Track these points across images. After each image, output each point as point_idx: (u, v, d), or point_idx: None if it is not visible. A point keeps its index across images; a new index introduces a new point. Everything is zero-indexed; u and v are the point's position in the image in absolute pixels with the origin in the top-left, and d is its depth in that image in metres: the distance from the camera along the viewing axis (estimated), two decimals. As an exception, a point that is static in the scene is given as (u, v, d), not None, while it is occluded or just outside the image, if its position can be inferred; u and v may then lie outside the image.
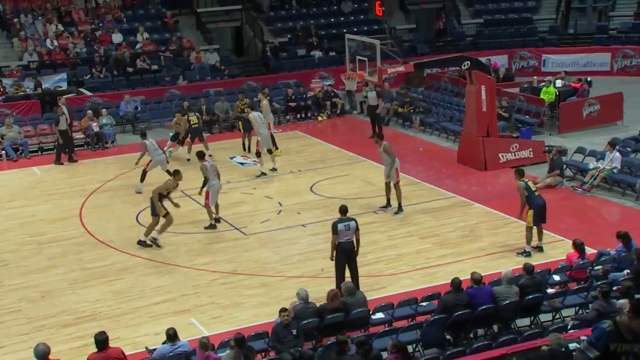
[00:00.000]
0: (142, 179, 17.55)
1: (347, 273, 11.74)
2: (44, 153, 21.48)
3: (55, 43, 26.29)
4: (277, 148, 19.75)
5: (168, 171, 16.81)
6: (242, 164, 19.91)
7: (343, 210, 11.92)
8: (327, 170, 18.56)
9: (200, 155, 15.54)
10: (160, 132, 23.28)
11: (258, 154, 18.36)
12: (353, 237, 11.67)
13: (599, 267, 11.50)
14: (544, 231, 13.61)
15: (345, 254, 11.63)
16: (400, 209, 15.35)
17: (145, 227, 14.60)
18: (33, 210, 16.88)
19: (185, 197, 16.92)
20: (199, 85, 25.95)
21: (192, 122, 20.38)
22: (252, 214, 15.94)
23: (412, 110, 23.01)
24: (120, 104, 23.87)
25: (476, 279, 10.38)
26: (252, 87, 26.32)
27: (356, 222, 11.73)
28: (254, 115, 18.57)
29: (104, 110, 22.85)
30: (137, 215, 16.18)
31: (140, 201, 17.00)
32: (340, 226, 11.59)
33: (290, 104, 24.55)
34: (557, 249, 13.38)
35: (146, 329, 11.34)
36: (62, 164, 20.23)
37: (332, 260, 11.73)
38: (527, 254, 13.08)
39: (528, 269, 10.74)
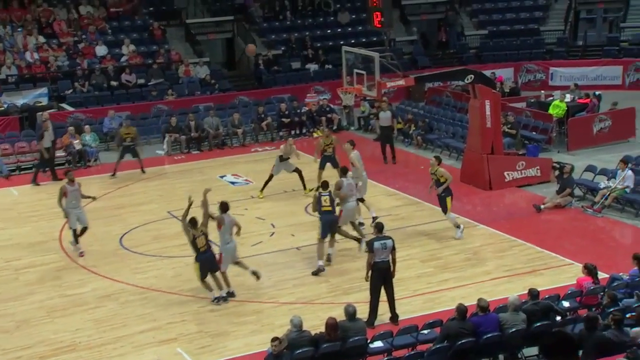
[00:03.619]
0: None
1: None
2: (22, 172, 21.45)
3: (36, 56, 26.35)
4: (304, 187, 18.40)
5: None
6: (232, 183, 19.91)
7: (379, 227, 11.96)
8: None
9: (223, 209, 13.13)
10: (146, 150, 23.28)
11: (360, 200, 15.97)
12: (389, 257, 11.69)
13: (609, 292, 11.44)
14: (553, 254, 13.56)
15: (381, 275, 11.67)
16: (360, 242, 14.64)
17: (130, 251, 14.53)
18: (9, 233, 16.82)
19: (171, 219, 16.90)
20: (188, 100, 26.00)
21: (124, 137, 20.36)
22: (243, 237, 15.66)
23: (413, 127, 23.05)
24: (104, 120, 23.89)
25: (483, 306, 10.33)
26: (243, 102, 26.41)
27: (393, 241, 11.78)
28: (356, 155, 16.10)
29: (86, 126, 22.84)
30: (121, 238, 16.12)
31: (126, 223, 16.95)
32: (377, 244, 11.63)
33: (283, 119, 24.60)
34: (566, 273, 13.36)
35: (130, 359, 11.25)
36: (39, 184, 20.18)
37: (366, 280, 11.78)
38: None
39: (533, 293, 10.72)
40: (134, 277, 14.13)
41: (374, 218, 15.55)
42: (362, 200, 16.01)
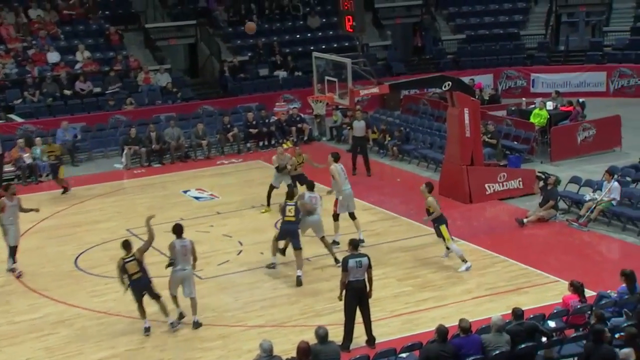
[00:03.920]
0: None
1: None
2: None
3: (-19, 63, 26.08)
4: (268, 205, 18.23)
5: None
6: (197, 198, 19.80)
7: (354, 244, 11.91)
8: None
9: (178, 231, 12.75)
10: (103, 164, 23.11)
11: (335, 217, 15.98)
12: (365, 276, 11.65)
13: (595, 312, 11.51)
14: (538, 271, 13.62)
15: (356, 295, 11.63)
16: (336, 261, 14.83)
17: (86, 273, 14.36)
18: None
19: (131, 236, 16.73)
20: (148, 110, 25.87)
21: (48, 155, 20.22)
22: (208, 255, 15.77)
23: (388, 137, 23.12)
24: (57, 131, 23.64)
25: (464, 327, 10.34)
26: (208, 112, 26.32)
27: (369, 258, 11.74)
28: (336, 168, 15.93)
29: (38, 139, 22.61)
30: (76, 258, 15.92)
31: (81, 243, 16.76)
32: (352, 262, 11.57)
33: (250, 130, 24.56)
34: (551, 291, 13.44)
35: (85, 390, 11.11)
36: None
37: (340, 300, 11.76)
38: None
39: (517, 313, 10.75)
40: (91, 301, 13.94)
41: (334, 242, 15.57)
42: (353, 216, 16.00)
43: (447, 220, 14.72)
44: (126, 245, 12.49)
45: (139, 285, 12.41)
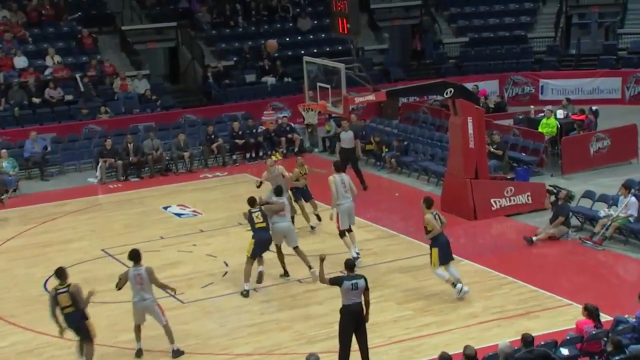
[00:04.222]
0: None
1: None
2: None
3: (-58, 69, 26.08)
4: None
5: None
6: (178, 215, 19.77)
7: (350, 265, 11.86)
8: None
9: (134, 258, 12.55)
10: (75, 178, 23.07)
11: (341, 234, 16.03)
12: (362, 299, 11.60)
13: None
14: (549, 293, 13.61)
15: (352, 319, 11.57)
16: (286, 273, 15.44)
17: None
18: None
19: (105, 258, 16.69)
20: (125, 119, 25.89)
21: None
22: (191, 277, 15.74)
23: (386, 148, 23.15)
24: (25, 143, 23.62)
25: (469, 355, 10.33)
26: (190, 121, 26.33)
27: (366, 280, 11.67)
28: (334, 179, 16.03)
29: (3, 151, 22.63)
30: (45, 282, 15.84)
31: (51, 264, 16.66)
32: (347, 284, 11.51)
33: (236, 140, 24.58)
34: (564, 316, 13.43)
35: None
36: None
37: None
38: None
39: (527, 339, 10.74)
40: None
41: (357, 256, 15.68)
42: (349, 230, 16.09)
43: (446, 241, 14.33)
44: (60, 273, 12.02)
45: (69, 321, 11.97)
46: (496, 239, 17.66)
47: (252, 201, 15.16)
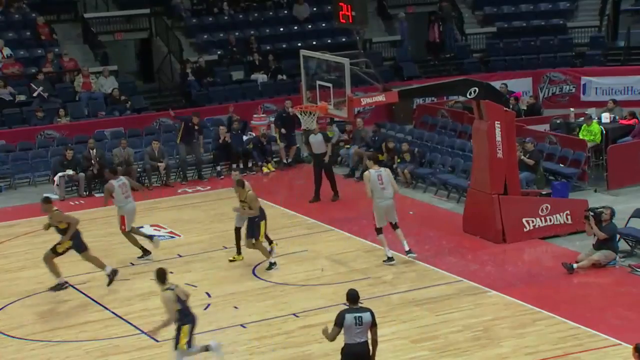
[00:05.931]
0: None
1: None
2: None
3: None
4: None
5: None
6: (152, 237, 19.79)
7: (352, 297, 11.80)
8: (277, 245, 18.53)
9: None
10: (29, 194, 23.09)
11: (378, 231, 17.51)
12: (367, 337, 11.62)
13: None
14: (592, 331, 13.63)
15: None
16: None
17: (4, 335, 14.29)
18: None
19: (67, 288, 16.74)
20: (88, 124, 25.96)
21: None
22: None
23: (398, 159, 23.20)
24: (-31, 152, 23.72)
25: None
26: (166, 127, 26.37)
27: (372, 314, 11.61)
28: (369, 175, 17.39)
29: (-55, 160, 22.70)
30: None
31: (15, 292, 16.75)
32: (349, 319, 11.45)
33: (221, 149, 24.62)
34: (610, 358, 13.47)
35: None
36: None
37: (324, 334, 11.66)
38: None
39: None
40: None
41: (389, 258, 17.29)
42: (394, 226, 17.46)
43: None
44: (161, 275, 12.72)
45: None
46: (530, 266, 17.69)
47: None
